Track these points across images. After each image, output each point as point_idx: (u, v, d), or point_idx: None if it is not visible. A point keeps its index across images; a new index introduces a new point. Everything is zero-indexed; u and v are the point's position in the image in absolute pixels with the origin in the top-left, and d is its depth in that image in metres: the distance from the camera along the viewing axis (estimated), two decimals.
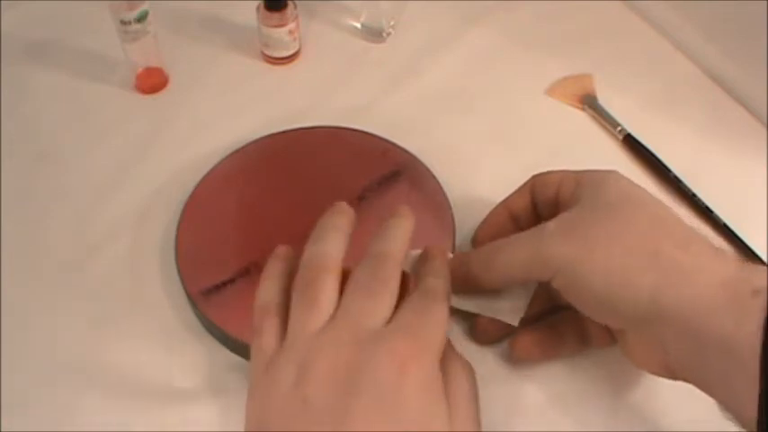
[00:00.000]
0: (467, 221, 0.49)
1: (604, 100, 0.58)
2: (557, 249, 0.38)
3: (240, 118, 0.56)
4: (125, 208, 0.52)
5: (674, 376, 0.38)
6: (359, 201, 0.49)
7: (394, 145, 0.53)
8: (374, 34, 0.63)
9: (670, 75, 0.61)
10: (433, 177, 0.51)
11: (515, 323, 0.42)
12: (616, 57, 0.62)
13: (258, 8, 0.58)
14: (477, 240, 0.48)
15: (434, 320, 0.35)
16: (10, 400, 0.43)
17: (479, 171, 0.54)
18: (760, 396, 0.31)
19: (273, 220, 0.48)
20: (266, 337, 0.36)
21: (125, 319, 0.46)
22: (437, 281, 0.37)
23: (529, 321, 0.43)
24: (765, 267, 0.35)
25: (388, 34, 0.63)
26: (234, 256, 0.47)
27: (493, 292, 0.43)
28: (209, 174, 0.51)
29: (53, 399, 0.43)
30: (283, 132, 0.53)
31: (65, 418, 0.42)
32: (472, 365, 0.37)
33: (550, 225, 0.39)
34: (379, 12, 0.62)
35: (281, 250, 0.40)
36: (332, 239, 0.37)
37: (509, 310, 0.43)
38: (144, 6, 0.53)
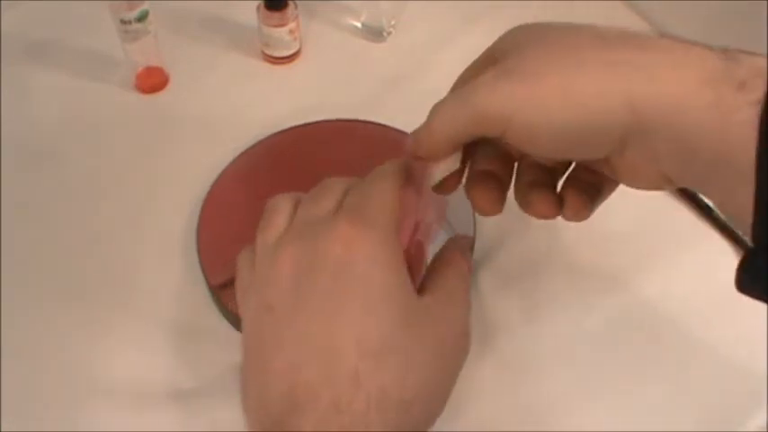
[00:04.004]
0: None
1: None
2: (497, 96, 0.33)
3: (240, 118, 0.56)
4: (125, 208, 0.51)
5: (673, 185, 0.34)
6: None
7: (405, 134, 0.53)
8: (374, 34, 0.63)
9: None
10: None
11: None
12: None
13: (258, 8, 0.58)
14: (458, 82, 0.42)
15: (379, 199, 0.35)
16: (10, 399, 0.43)
17: None
18: (755, 200, 0.29)
19: None
20: (270, 231, 0.36)
21: (122, 324, 0.46)
22: (388, 164, 0.37)
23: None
24: (750, 54, 0.30)
25: (389, 34, 0.63)
26: None
27: None
28: (224, 172, 0.51)
29: (55, 399, 0.43)
30: (303, 126, 0.54)
31: (70, 418, 0.42)
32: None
33: (485, 74, 0.34)
34: (380, 11, 0.62)
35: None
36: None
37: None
38: (144, 6, 0.53)
